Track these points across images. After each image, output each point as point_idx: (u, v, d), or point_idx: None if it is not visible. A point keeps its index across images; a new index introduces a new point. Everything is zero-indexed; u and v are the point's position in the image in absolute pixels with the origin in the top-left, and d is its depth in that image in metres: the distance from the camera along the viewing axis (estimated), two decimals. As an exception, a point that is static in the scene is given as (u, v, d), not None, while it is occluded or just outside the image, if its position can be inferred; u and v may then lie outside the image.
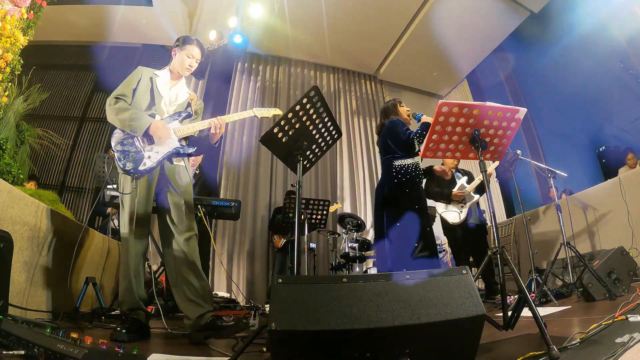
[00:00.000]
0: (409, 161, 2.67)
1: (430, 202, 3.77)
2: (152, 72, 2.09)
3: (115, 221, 4.27)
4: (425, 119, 2.65)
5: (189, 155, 2.05)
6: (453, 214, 3.66)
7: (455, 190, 3.66)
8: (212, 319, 1.85)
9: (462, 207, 3.63)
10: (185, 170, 2.07)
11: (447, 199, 3.65)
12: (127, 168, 1.86)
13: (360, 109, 7.35)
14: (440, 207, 3.77)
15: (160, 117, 2.03)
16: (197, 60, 2.13)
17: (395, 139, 2.70)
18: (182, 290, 1.88)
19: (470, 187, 3.64)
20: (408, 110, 2.86)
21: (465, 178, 3.73)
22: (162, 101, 2.06)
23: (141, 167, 1.88)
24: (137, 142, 1.93)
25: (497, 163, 3.59)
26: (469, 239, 3.63)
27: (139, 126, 1.89)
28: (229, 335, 1.70)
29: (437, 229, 3.47)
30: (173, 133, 2.00)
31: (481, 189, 3.66)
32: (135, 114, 1.92)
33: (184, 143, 2.04)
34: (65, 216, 2.35)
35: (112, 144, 1.93)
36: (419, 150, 2.68)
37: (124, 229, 1.91)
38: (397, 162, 2.69)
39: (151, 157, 1.92)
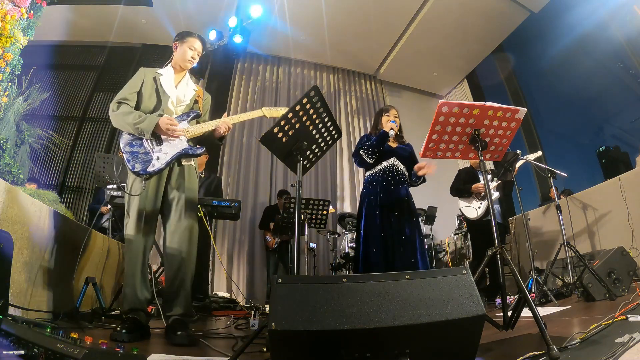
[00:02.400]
0: (377, 168, 2.65)
1: (449, 199, 3.88)
2: (154, 71, 2.09)
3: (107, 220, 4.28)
4: (386, 127, 2.60)
5: (198, 155, 2.05)
6: (471, 210, 3.76)
7: (477, 184, 3.75)
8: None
9: (480, 202, 3.69)
10: (194, 170, 2.09)
11: (468, 192, 3.78)
12: (135, 169, 1.87)
13: (360, 109, 7.35)
14: (461, 203, 3.89)
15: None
16: (198, 53, 2.15)
17: (353, 155, 2.76)
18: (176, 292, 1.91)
19: (491, 186, 3.69)
20: (389, 119, 2.73)
21: (489, 177, 3.79)
22: (170, 100, 2.05)
23: (150, 169, 1.89)
24: (145, 143, 1.94)
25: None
26: (487, 236, 3.69)
27: (146, 127, 1.89)
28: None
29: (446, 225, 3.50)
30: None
31: (503, 188, 3.78)
32: (140, 116, 1.92)
33: (192, 144, 2.04)
34: (66, 216, 2.35)
35: (121, 145, 1.93)
36: (376, 158, 2.63)
37: (131, 227, 1.90)
38: (367, 173, 2.72)
39: (160, 158, 1.92)
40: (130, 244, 1.90)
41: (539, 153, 3.49)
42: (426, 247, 2.72)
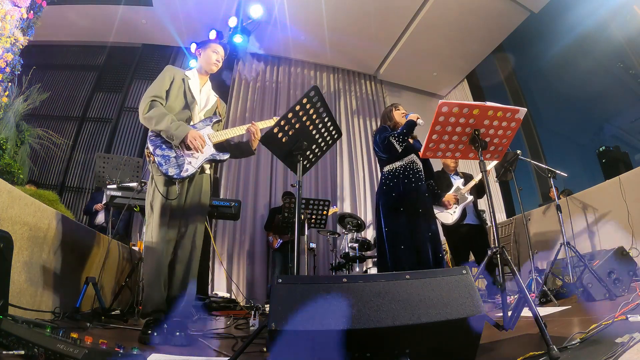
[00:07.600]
0: (397, 164, 2.67)
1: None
2: (183, 73, 2.13)
3: (100, 216, 4.32)
4: (411, 117, 2.63)
5: (223, 161, 2.13)
6: (445, 215, 3.71)
7: (449, 193, 3.70)
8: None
9: (455, 207, 3.66)
10: (210, 177, 2.15)
11: (438, 202, 3.68)
12: (170, 174, 1.90)
13: (360, 109, 7.35)
14: (435, 209, 3.82)
15: (192, 123, 2.08)
16: (222, 56, 2.22)
17: (376, 144, 2.74)
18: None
19: (464, 189, 3.68)
20: (403, 113, 2.84)
21: (461, 180, 3.78)
22: (197, 106, 2.11)
23: (184, 173, 1.94)
24: (175, 147, 1.98)
25: (495, 162, 3.62)
26: (467, 239, 3.67)
27: (178, 134, 1.91)
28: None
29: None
30: (208, 139, 2.05)
31: (481, 191, 3.71)
32: (173, 121, 1.93)
33: (217, 150, 2.10)
34: (66, 216, 2.35)
35: (151, 148, 1.94)
36: (402, 150, 2.65)
37: (155, 225, 1.91)
38: (386, 168, 2.72)
39: (192, 162, 1.98)
40: (154, 244, 1.89)
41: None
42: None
